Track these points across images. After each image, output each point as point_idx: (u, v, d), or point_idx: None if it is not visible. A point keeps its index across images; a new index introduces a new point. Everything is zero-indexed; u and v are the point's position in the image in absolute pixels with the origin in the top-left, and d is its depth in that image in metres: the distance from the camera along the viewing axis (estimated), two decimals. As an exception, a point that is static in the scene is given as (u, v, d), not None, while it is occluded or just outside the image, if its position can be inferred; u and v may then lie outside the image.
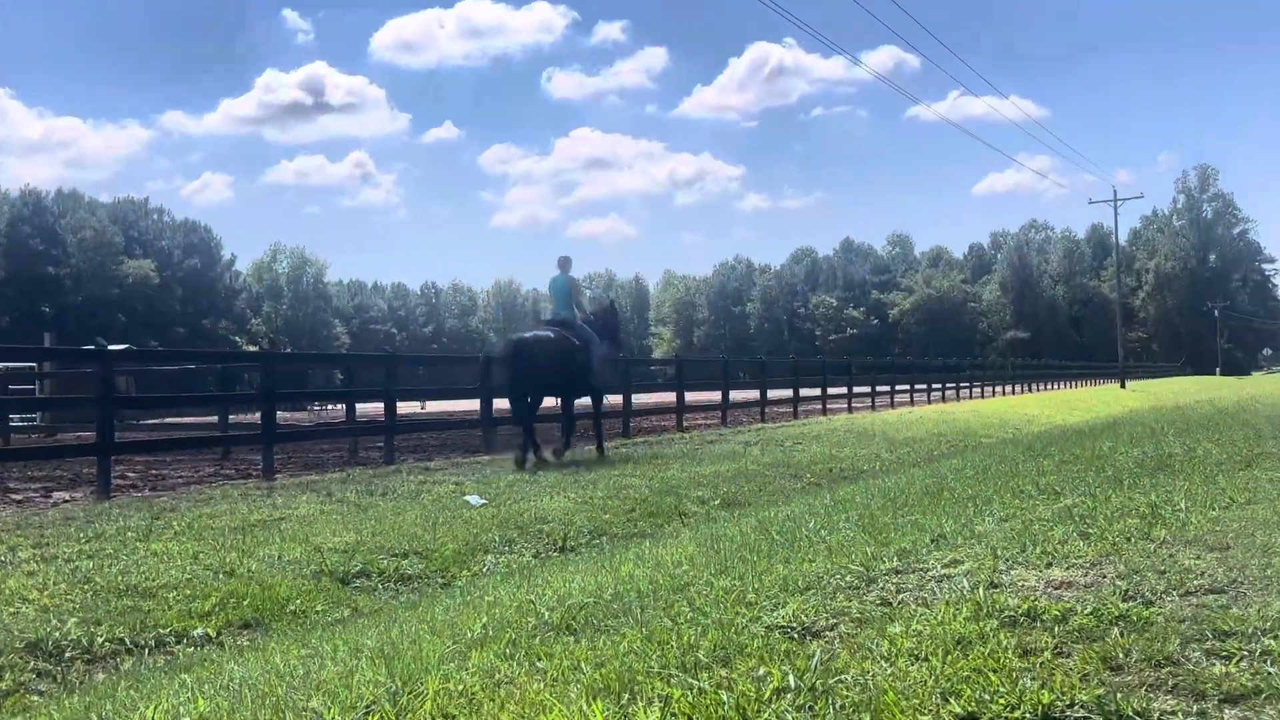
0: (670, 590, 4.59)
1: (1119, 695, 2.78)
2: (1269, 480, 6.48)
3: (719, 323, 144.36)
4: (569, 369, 14.28)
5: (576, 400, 15.30)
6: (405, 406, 38.02)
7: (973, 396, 43.03)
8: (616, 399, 16.60)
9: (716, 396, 26.62)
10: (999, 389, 48.13)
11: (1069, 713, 2.71)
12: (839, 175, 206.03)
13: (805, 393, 29.61)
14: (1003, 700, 2.76)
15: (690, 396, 25.83)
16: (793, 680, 2.98)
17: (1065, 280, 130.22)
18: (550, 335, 14.18)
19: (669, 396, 28.79)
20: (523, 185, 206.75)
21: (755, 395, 28.22)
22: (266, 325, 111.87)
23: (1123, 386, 57.37)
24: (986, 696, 2.79)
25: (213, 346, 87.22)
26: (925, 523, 5.66)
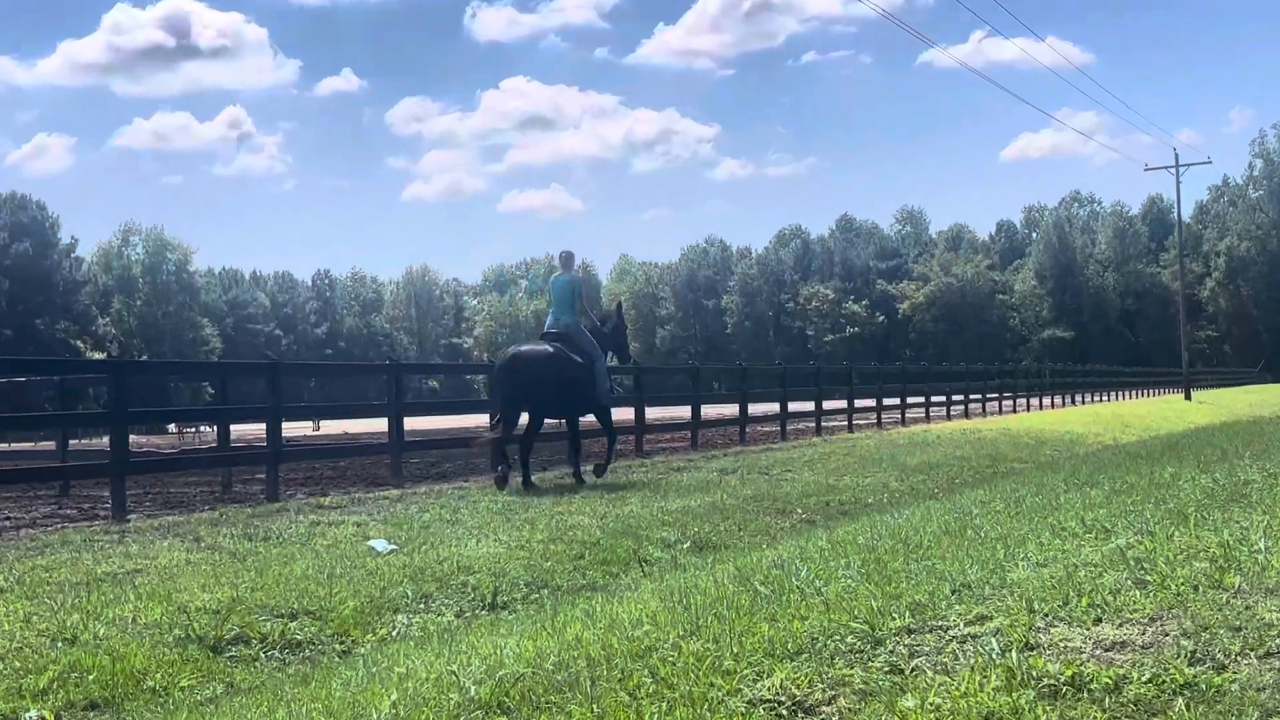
0: (628, 657, 4.57)
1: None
2: (1366, 513, 6.56)
3: (688, 320, 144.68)
4: (569, 387, 15.68)
5: (583, 419, 16.79)
6: (294, 428, 37.80)
7: (1002, 411, 43.33)
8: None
9: (685, 413, 26.62)
10: (1034, 401, 48.49)
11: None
12: (836, 136, 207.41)
13: (795, 407, 29.69)
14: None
15: (652, 413, 25.80)
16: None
17: (1116, 266, 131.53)
18: (548, 351, 15.55)
19: (625, 413, 28.67)
20: (441, 149, 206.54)
21: (733, 411, 28.27)
22: (117, 326, 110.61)
23: (1188, 397, 58.03)
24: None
25: (48, 353, 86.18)
26: (944, 569, 5.68)
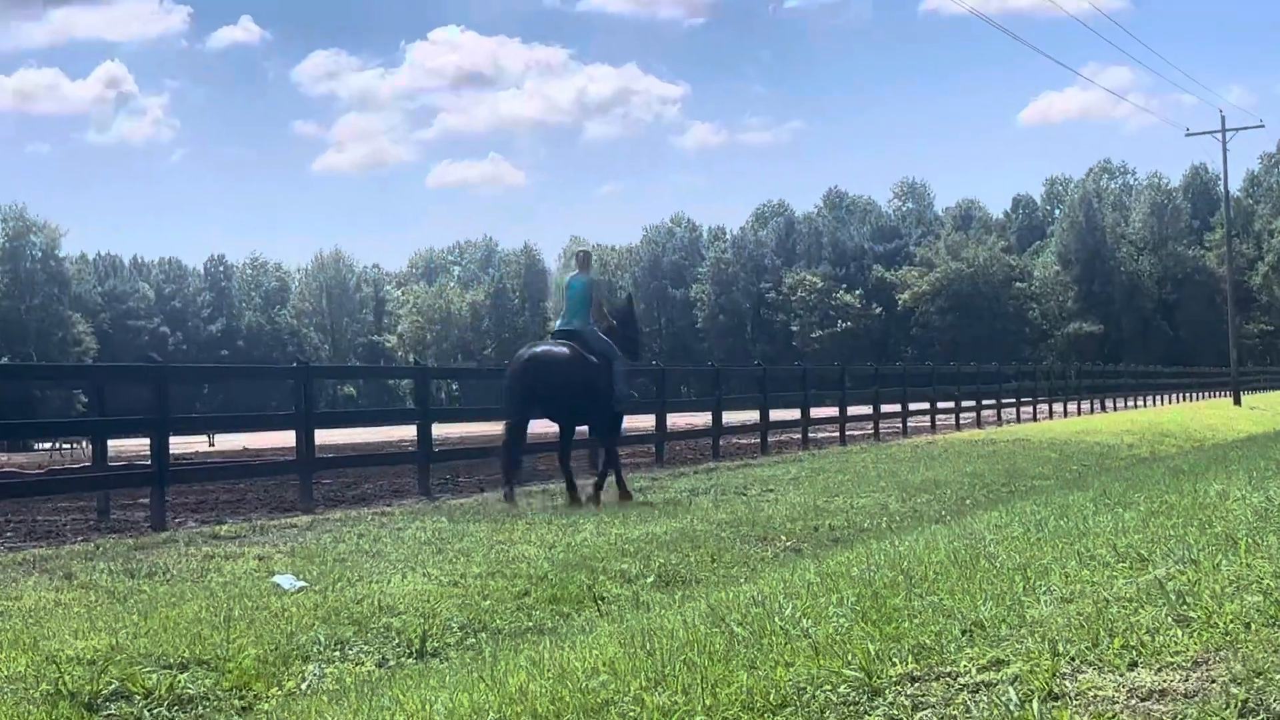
0: (581, 713, 4.57)
1: None
2: None
3: (651, 313, 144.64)
4: (587, 391, 16.58)
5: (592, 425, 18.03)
6: (184, 443, 37.55)
7: (1020, 418, 43.55)
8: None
9: (648, 423, 26.60)
10: (1058, 407, 48.83)
11: None
12: (824, 97, 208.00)
13: (778, 416, 29.74)
14: None
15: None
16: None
17: (1153, 248, 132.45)
18: (565, 352, 16.52)
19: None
20: (360, 112, 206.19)
21: (705, 420, 28.29)
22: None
23: (1237, 402, 58.50)
24: None
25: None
26: (953, 606, 5.70)
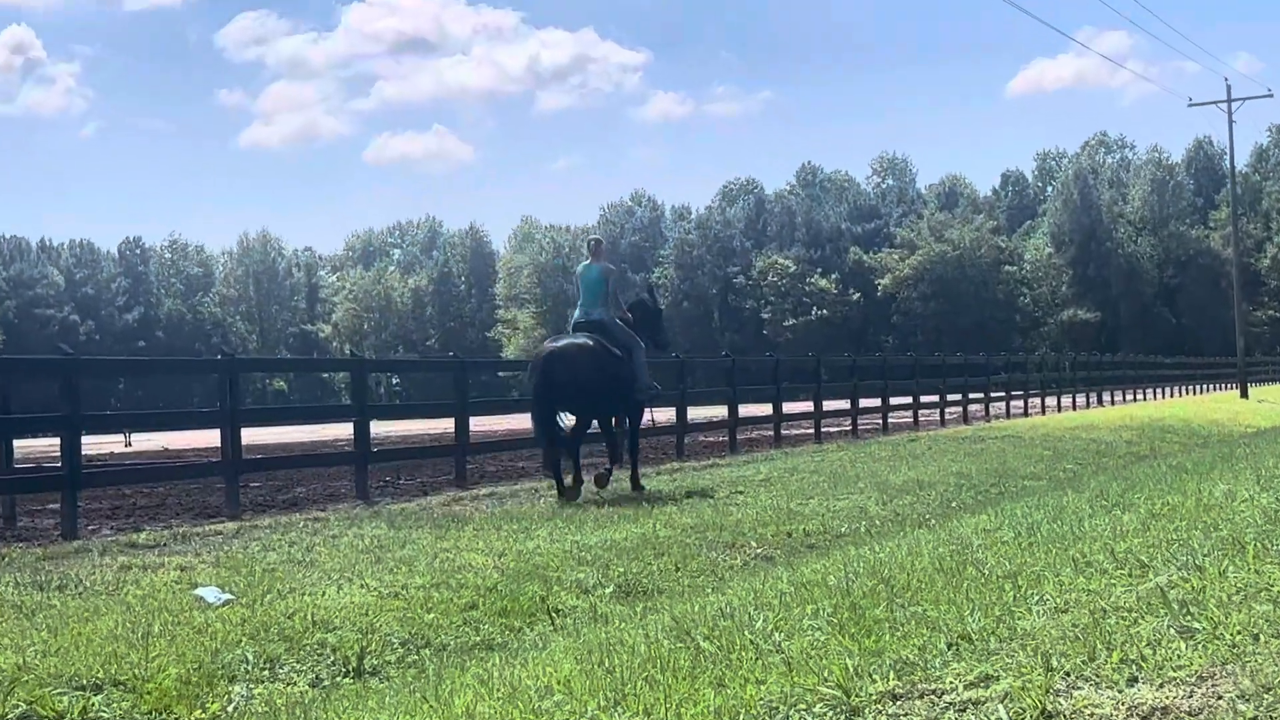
0: (534, 736, 4.56)
1: None
2: None
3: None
4: (610, 384, 17.83)
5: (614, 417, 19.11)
6: (97, 442, 37.32)
7: (1010, 413, 43.71)
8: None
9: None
10: (1051, 400, 49.13)
11: None
12: (797, 66, 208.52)
13: (748, 411, 29.76)
14: None
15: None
16: None
17: (1153, 228, 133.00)
18: (588, 344, 17.66)
19: (530, 421, 28.50)
20: (290, 80, 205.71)
21: (668, 417, 28.28)
22: None
23: (1244, 394, 58.77)
24: None
25: None
26: (938, 617, 5.71)
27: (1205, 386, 73.69)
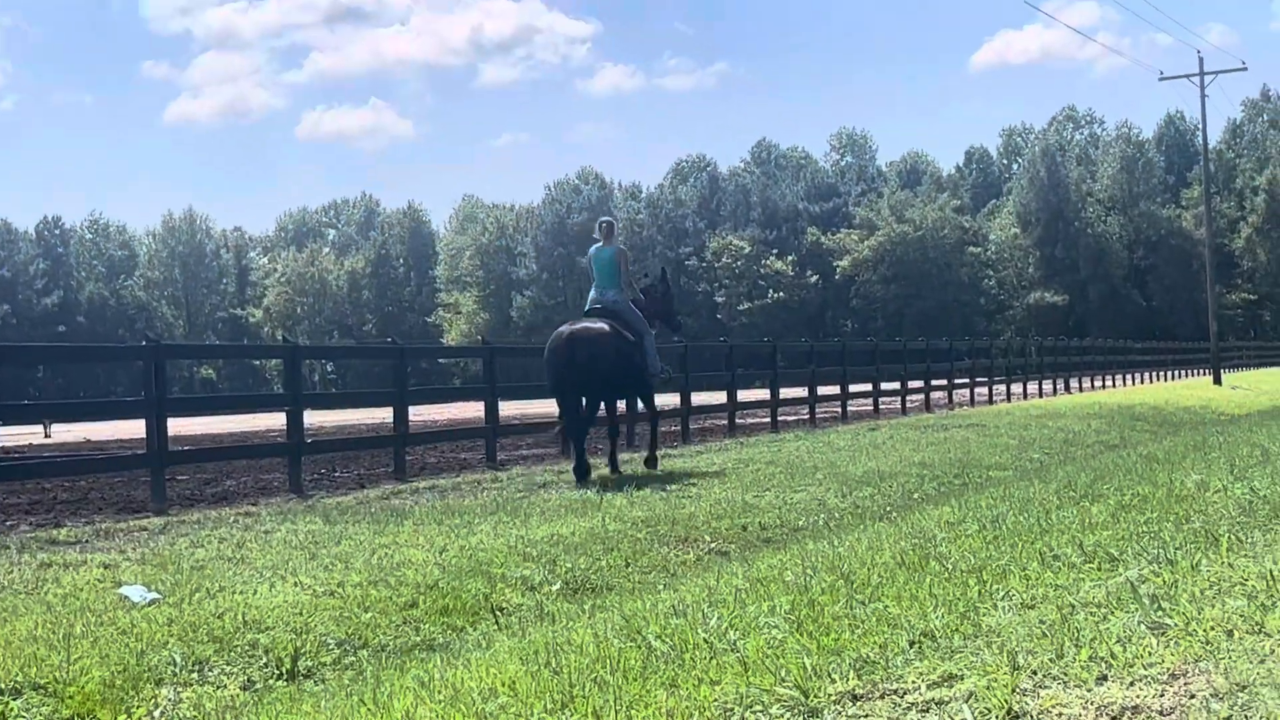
0: (477, 741, 4.54)
1: None
2: None
3: (555, 283, 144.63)
4: (624, 367, 18.98)
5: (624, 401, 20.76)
6: (14, 433, 37.07)
7: (974, 400, 43.96)
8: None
9: (553, 408, 26.54)
10: (1017, 387, 49.42)
11: None
12: (753, 37, 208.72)
13: (701, 399, 29.83)
14: None
15: (508, 409, 25.82)
16: None
17: (1123, 207, 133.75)
18: (604, 329, 18.74)
19: (473, 409, 28.57)
20: (219, 51, 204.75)
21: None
22: None
23: (1217, 380, 59.27)
24: None
25: None
26: (900, 614, 5.72)
27: (1177, 372, 74.29)
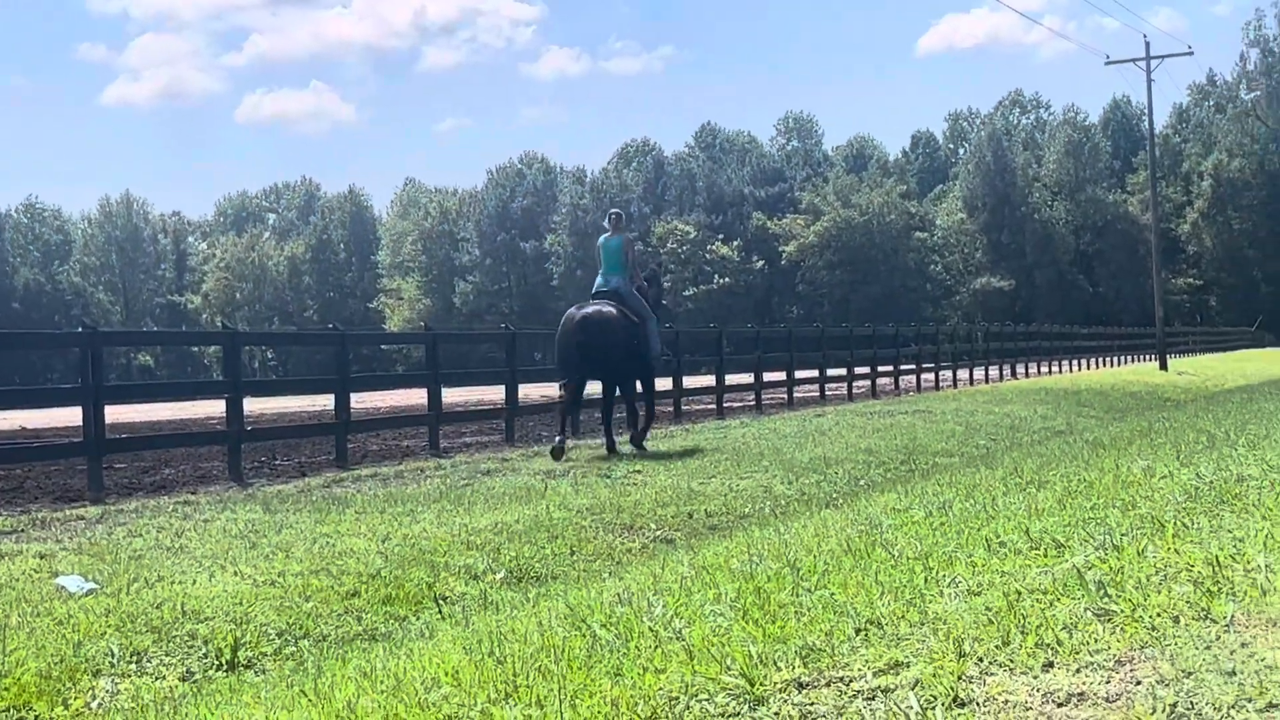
0: (421, 730, 4.56)
1: None
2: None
3: (499, 268, 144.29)
4: (629, 350, 20.43)
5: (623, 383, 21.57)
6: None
7: (921, 386, 44.06)
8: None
9: (497, 394, 26.59)
10: (964, 373, 49.48)
11: None
12: (698, 20, 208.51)
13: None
14: None
15: (451, 395, 25.79)
16: None
17: (1069, 192, 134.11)
18: (613, 312, 20.32)
19: (415, 396, 28.49)
20: (158, 33, 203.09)
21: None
22: None
23: (1163, 366, 59.66)
24: None
25: None
26: (846, 601, 5.74)
27: (1123, 358, 74.55)
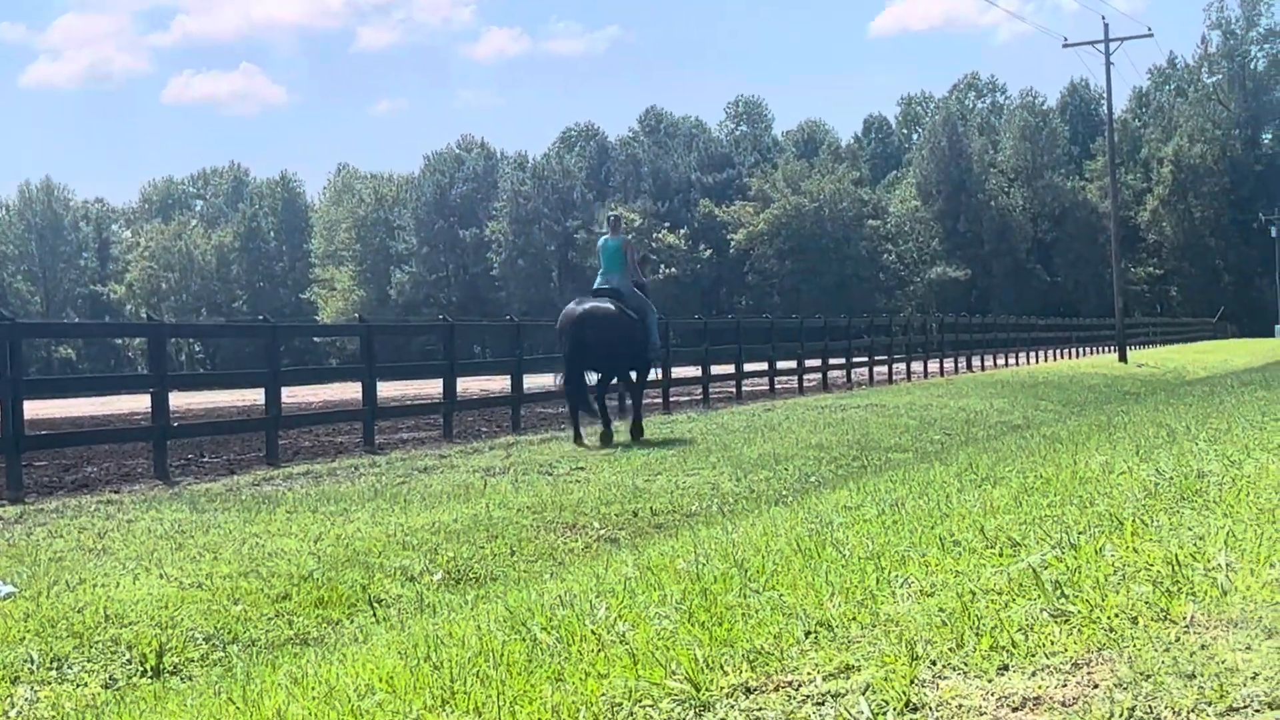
0: (352, 740, 4.53)
1: None
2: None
3: (437, 257, 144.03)
4: (628, 344, 21.81)
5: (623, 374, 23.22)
6: None
7: (874, 379, 44.21)
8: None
9: (434, 389, 26.53)
10: (917, 365, 49.65)
11: None
12: (645, 0, 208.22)
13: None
14: None
15: (387, 389, 25.76)
16: None
17: (1026, 179, 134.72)
18: (612, 309, 21.62)
19: (350, 390, 28.42)
20: (80, 12, 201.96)
21: (504, 385, 28.27)
22: None
23: (1122, 358, 60.07)
24: None
25: None
26: (795, 602, 5.74)
27: (1082, 349, 74.96)
